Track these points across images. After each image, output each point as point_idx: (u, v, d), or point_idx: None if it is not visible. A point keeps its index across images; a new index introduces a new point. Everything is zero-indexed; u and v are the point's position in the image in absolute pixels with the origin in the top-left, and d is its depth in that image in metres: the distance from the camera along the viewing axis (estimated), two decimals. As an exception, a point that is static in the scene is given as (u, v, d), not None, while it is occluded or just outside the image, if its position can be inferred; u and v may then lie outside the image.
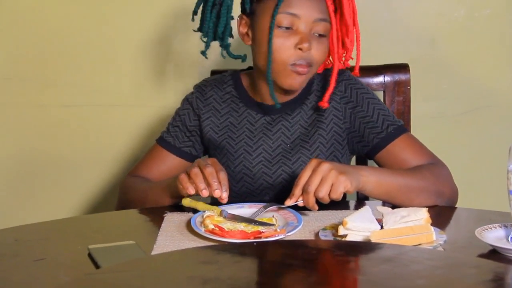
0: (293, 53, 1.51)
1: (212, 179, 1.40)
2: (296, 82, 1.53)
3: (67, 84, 2.21)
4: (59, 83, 2.21)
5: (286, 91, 1.58)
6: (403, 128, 1.59)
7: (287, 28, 1.51)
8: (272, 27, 1.50)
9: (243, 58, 1.64)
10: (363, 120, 1.59)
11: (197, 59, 2.15)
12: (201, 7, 1.61)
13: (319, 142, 1.59)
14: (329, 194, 1.36)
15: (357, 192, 1.66)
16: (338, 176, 1.35)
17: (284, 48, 1.51)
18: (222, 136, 1.63)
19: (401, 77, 1.88)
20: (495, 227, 1.27)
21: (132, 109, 2.22)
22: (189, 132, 1.66)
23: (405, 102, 1.87)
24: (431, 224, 1.25)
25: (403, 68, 1.89)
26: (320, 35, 1.53)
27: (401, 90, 1.88)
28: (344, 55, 1.61)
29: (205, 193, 1.40)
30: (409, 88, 1.88)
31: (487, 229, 1.26)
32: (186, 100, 1.69)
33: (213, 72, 1.85)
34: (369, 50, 2.15)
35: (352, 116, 1.60)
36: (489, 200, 2.21)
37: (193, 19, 1.62)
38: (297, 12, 1.50)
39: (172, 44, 2.18)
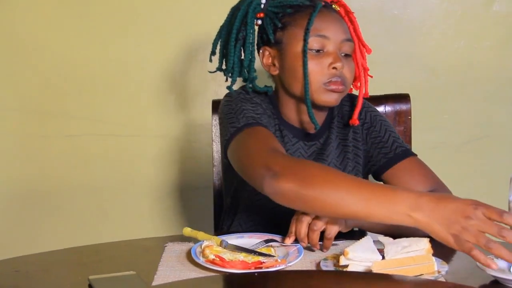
0: (327, 73, 1.54)
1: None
2: (332, 98, 1.55)
3: (69, 115, 2.22)
4: (61, 114, 2.22)
5: (318, 109, 1.58)
6: (411, 152, 1.62)
7: (318, 50, 1.54)
8: (306, 50, 1.52)
9: (270, 90, 1.63)
10: (375, 140, 1.63)
11: (199, 90, 2.17)
12: (218, 46, 1.62)
13: (349, 166, 1.64)
14: (324, 235, 1.36)
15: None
16: None
17: (319, 69, 1.53)
18: None
19: (402, 107, 1.88)
20: (497, 258, 1.27)
21: (133, 139, 2.23)
22: (270, 121, 1.60)
23: (406, 132, 1.88)
24: (433, 255, 1.25)
25: (404, 98, 1.90)
26: (347, 55, 1.57)
27: (402, 120, 1.88)
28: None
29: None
30: (410, 118, 1.88)
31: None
32: (248, 97, 1.59)
33: (214, 102, 1.86)
34: (370, 80, 2.16)
35: (367, 137, 1.65)
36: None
37: (210, 60, 1.63)
38: (326, 34, 1.54)
39: (173, 75, 2.20)
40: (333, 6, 1.60)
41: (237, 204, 1.66)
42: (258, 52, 1.62)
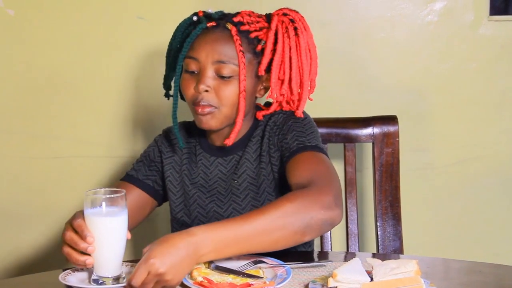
0: (193, 94, 1.57)
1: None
2: (201, 121, 1.58)
3: (54, 136, 2.21)
4: (46, 135, 2.21)
5: (217, 133, 1.63)
6: (310, 147, 1.55)
7: (193, 72, 1.58)
8: (177, 74, 1.60)
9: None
10: (281, 143, 1.60)
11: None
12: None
13: (263, 176, 1.62)
14: None
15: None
16: (171, 282, 1.25)
17: (187, 89, 1.59)
18: (181, 175, 1.68)
19: (390, 128, 1.89)
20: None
21: (119, 160, 2.22)
22: (152, 166, 1.71)
23: (394, 154, 1.88)
24: (421, 276, 1.25)
25: (391, 119, 1.90)
26: (226, 77, 1.56)
27: (390, 142, 1.89)
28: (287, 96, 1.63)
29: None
30: (398, 140, 1.89)
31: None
32: (154, 139, 1.75)
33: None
34: (358, 102, 2.17)
35: (278, 143, 1.61)
36: (479, 251, 2.21)
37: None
38: (196, 56, 1.57)
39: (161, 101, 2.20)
40: (226, 25, 1.58)
41: None
42: None
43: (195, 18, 1.63)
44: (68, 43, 2.19)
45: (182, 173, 1.68)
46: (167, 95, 1.74)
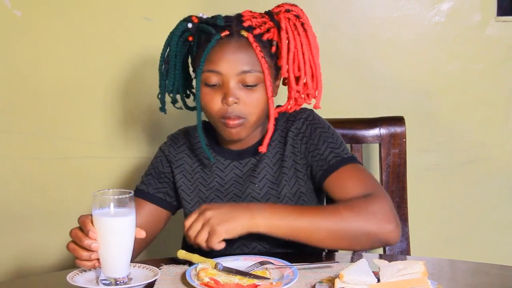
0: (221, 108, 1.55)
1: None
2: (231, 133, 1.57)
3: (60, 137, 2.22)
4: (52, 136, 2.22)
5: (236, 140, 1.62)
6: (349, 159, 1.58)
7: (214, 85, 1.55)
8: (198, 88, 1.54)
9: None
10: (313, 153, 1.60)
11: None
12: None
13: (284, 181, 1.61)
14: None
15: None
16: (215, 227, 1.40)
17: (212, 103, 1.55)
18: (195, 183, 1.66)
19: (397, 129, 1.89)
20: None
21: (125, 160, 2.23)
22: (162, 178, 1.69)
23: (401, 155, 1.88)
24: (428, 277, 1.24)
25: (398, 120, 1.90)
26: (251, 86, 1.55)
27: (397, 143, 1.89)
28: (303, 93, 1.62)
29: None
30: (405, 141, 1.89)
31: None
32: (159, 149, 1.73)
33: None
34: (365, 103, 2.17)
35: (306, 151, 1.62)
36: (486, 252, 2.21)
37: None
38: (217, 69, 1.53)
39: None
40: (241, 32, 1.55)
41: None
42: None
43: (190, 25, 1.60)
44: (75, 44, 2.19)
45: (196, 181, 1.66)
46: (162, 110, 1.68)
